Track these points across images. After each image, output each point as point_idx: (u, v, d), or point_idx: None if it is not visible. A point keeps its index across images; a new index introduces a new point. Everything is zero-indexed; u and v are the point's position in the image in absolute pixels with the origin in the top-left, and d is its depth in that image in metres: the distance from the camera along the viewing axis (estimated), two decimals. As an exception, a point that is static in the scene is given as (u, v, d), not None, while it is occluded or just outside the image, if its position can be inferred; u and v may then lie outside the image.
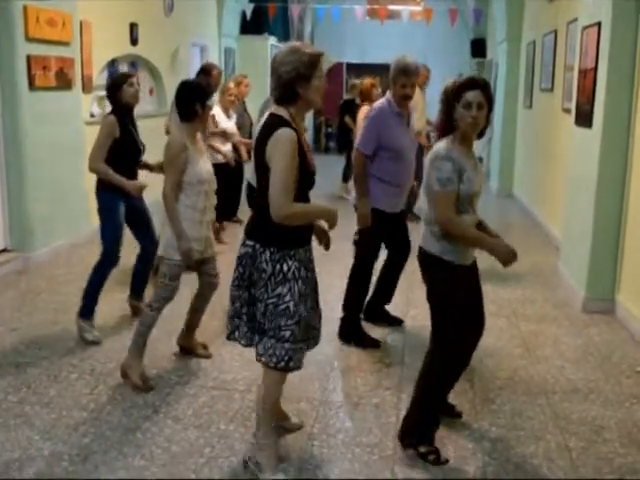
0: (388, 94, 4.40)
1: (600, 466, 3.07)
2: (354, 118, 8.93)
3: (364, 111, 6.75)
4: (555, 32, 7.91)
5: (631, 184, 4.84)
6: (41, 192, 6.14)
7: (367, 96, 7.47)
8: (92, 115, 7.23)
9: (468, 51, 15.94)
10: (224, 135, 6.64)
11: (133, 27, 8.02)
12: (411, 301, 5.20)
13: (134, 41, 8.05)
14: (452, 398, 3.59)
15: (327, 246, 3.09)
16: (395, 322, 4.80)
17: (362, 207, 4.32)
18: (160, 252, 3.85)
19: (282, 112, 2.80)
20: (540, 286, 5.80)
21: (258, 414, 2.97)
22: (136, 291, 4.84)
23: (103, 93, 7.49)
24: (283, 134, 2.69)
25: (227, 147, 6.71)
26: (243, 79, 7.69)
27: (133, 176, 4.54)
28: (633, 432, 3.38)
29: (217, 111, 6.47)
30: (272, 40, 12.70)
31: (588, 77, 5.33)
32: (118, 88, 4.45)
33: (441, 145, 3.03)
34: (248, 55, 11.97)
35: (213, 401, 3.59)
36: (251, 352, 4.17)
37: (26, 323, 4.67)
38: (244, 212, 7.02)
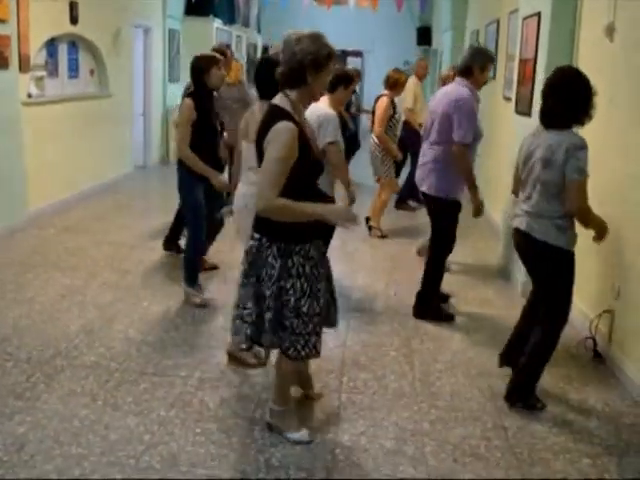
0: (464, 81, 4.51)
1: (534, 444, 3.17)
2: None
3: (385, 101, 6.75)
4: (497, 21, 8.03)
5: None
6: (-25, 175, 5.91)
7: (401, 89, 7.14)
8: (29, 95, 6.99)
9: (414, 39, 16.06)
10: None
11: (73, 5, 7.75)
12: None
13: (74, 20, 7.79)
14: (392, 380, 3.64)
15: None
16: (444, 299, 5.01)
17: (478, 199, 4.49)
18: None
19: (283, 102, 2.75)
20: (481, 271, 5.92)
21: (276, 386, 3.13)
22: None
23: (41, 73, 7.33)
24: (282, 127, 2.64)
25: None
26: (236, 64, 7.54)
27: (213, 157, 4.58)
28: (566, 412, 3.49)
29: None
30: (217, 23, 12.51)
31: (528, 67, 5.44)
32: (207, 71, 4.44)
33: (573, 135, 3.22)
34: (193, 37, 11.74)
35: (153, 387, 3.55)
36: (193, 338, 4.17)
37: (-41, 310, 4.52)
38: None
